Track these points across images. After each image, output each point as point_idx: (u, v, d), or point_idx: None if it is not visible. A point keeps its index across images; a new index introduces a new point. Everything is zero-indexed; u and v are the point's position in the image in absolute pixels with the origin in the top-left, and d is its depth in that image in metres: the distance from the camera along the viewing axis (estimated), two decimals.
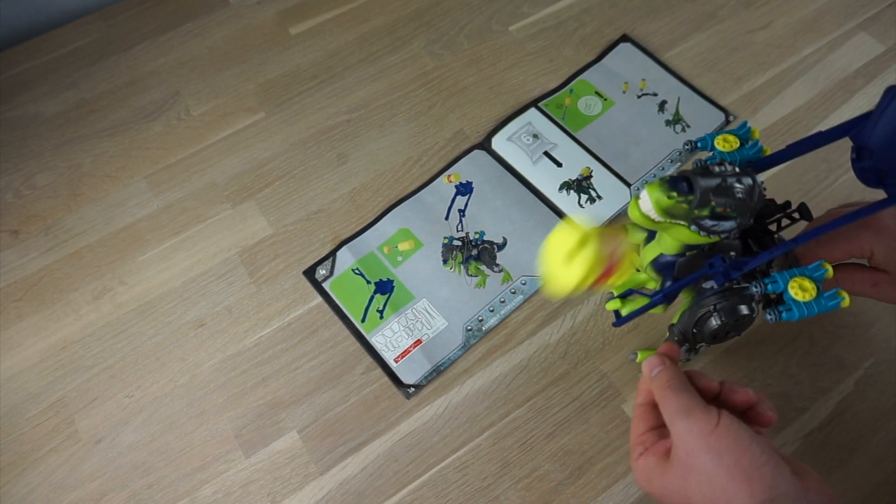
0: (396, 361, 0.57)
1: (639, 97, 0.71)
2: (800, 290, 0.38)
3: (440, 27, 0.77)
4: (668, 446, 0.38)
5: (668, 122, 0.70)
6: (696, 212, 0.35)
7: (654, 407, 0.41)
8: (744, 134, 0.44)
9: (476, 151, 0.68)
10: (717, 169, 0.35)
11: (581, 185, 0.66)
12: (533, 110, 0.71)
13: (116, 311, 0.60)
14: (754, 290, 0.40)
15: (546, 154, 0.67)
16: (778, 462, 0.34)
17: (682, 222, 0.36)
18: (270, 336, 0.59)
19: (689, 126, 0.69)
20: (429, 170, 0.67)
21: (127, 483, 0.53)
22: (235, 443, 0.55)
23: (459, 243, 0.63)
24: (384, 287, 0.61)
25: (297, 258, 0.63)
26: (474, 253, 0.62)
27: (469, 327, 0.59)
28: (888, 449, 0.54)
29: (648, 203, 0.35)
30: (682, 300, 0.47)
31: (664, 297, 0.43)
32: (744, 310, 0.42)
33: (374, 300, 0.60)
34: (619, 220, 0.64)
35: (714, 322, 0.43)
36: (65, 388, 0.57)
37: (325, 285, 0.61)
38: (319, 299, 0.61)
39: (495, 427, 0.55)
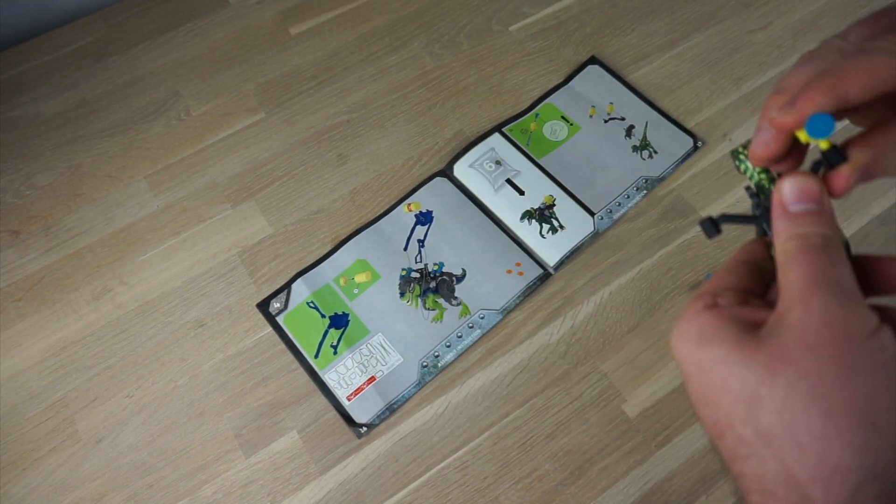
0: (349, 399, 0.56)
1: (605, 122, 0.70)
2: None
3: (440, 27, 0.77)
4: (755, 317, 0.24)
5: (634, 148, 0.68)
6: None
7: (756, 270, 0.27)
8: None
9: (437, 179, 0.67)
10: None
11: (543, 215, 0.64)
12: (496, 136, 0.69)
13: (116, 311, 0.60)
14: None
15: (509, 181, 0.66)
16: None
17: None
18: (270, 336, 0.59)
19: (656, 152, 0.67)
20: (429, 170, 0.67)
21: (127, 483, 0.53)
22: (235, 443, 0.55)
23: (417, 275, 0.61)
24: (339, 321, 0.59)
25: (297, 258, 0.63)
26: (432, 285, 0.61)
27: (425, 363, 0.57)
28: None
29: None
30: None
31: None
32: None
33: (329, 335, 0.58)
34: (581, 251, 0.64)
35: None
36: (65, 388, 0.57)
37: (279, 319, 0.59)
38: None
39: (495, 427, 0.55)
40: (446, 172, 0.67)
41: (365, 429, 0.55)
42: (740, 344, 0.23)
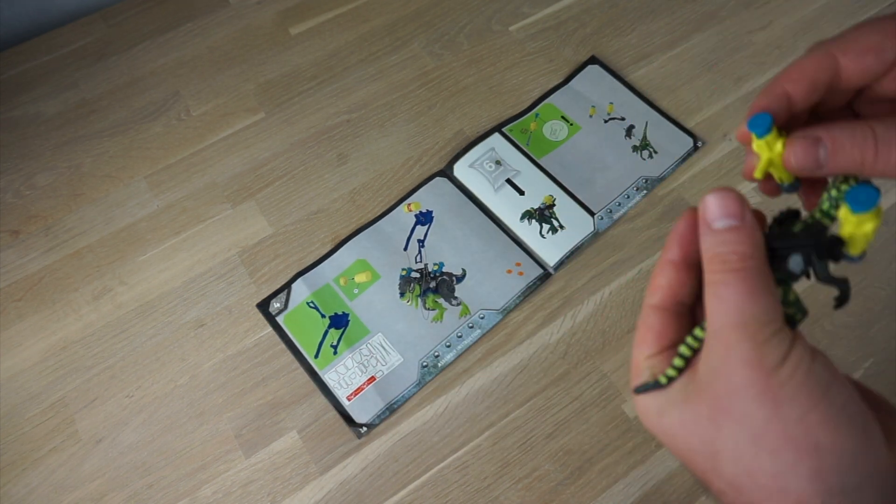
0: (349, 399, 0.56)
1: (605, 122, 0.70)
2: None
3: (440, 27, 0.77)
4: (695, 361, 0.25)
5: (634, 148, 0.68)
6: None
7: (675, 316, 0.27)
8: None
9: (437, 179, 0.66)
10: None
11: (543, 215, 0.64)
12: (496, 136, 0.69)
13: (116, 311, 0.60)
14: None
15: (509, 181, 0.66)
16: (864, 422, 0.22)
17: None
18: (270, 336, 0.59)
19: (656, 152, 0.67)
20: (429, 170, 0.67)
21: (127, 483, 0.53)
22: (235, 443, 0.55)
23: (417, 275, 0.61)
24: (339, 321, 0.59)
25: (297, 258, 0.63)
26: (432, 285, 0.61)
27: (425, 364, 0.57)
28: None
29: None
30: None
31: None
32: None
33: (329, 335, 0.58)
34: (581, 251, 0.64)
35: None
36: (65, 388, 0.57)
37: (279, 319, 0.59)
38: None
39: (495, 427, 0.55)
40: (446, 172, 0.67)
41: (365, 429, 0.55)
42: (688, 400, 0.24)
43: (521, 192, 0.65)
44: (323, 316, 0.59)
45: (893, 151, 0.23)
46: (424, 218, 0.64)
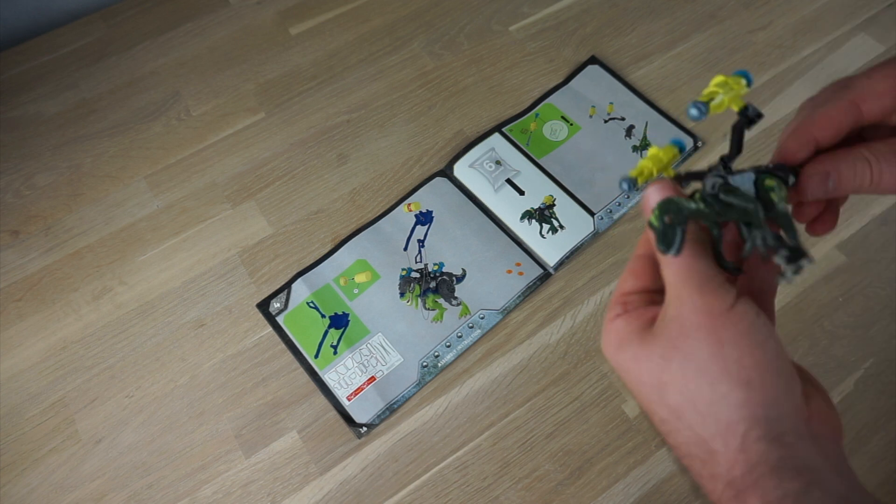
0: (349, 399, 0.56)
1: (605, 122, 0.70)
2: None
3: (440, 27, 0.77)
4: (654, 314, 0.30)
5: (634, 148, 0.68)
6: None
7: (653, 263, 0.32)
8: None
9: (437, 179, 0.67)
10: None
11: (543, 215, 0.64)
12: (496, 136, 0.69)
13: (116, 311, 0.60)
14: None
15: (509, 181, 0.66)
16: (789, 375, 0.28)
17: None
18: (270, 336, 0.59)
19: None
20: (429, 170, 0.67)
21: (127, 483, 0.53)
22: (235, 443, 0.55)
23: (417, 275, 0.61)
24: (339, 321, 0.59)
25: (297, 258, 0.63)
26: (432, 285, 0.61)
27: (425, 364, 0.57)
28: (888, 449, 0.54)
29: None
30: None
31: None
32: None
33: (329, 335, 0.58)
34: (581, 251, 0.64)
35: None
36: (65, 388, 0.57)
37: (279, 319, 0.59)
38: None
39: (495, 427, 0.55)
40: (446, 172, 0.67)
41: (365, 429, 0.55)
42: (643, 342, 0.29)
43: (521, 192, 0.65)
44: (323, 316, 0.59)
45: (884, 176, 0.30)
46: (424, 218, 0.64)
